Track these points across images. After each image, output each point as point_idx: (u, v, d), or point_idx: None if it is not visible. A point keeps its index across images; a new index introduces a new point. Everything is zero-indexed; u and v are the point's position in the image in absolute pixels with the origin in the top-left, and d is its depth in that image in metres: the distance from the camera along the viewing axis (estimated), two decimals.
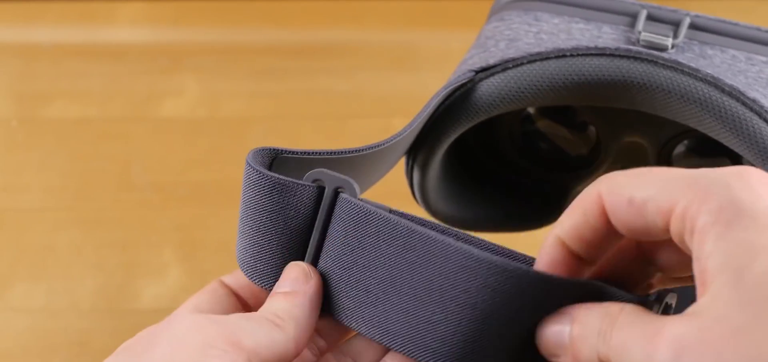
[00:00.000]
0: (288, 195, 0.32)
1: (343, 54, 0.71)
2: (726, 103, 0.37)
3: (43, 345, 0.53)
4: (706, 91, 0.38)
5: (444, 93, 0.40)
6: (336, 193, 0.32)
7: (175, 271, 0.57)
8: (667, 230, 0.27)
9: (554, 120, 0.47)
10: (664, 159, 0.46)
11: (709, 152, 0.45)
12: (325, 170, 0.32)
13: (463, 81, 0.40)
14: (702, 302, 0.25)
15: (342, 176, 0.32)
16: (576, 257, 0.30)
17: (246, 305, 0.35)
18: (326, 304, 0.32)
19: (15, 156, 0.64)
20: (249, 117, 0.67)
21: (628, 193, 0.28)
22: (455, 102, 0.40)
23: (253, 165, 0.32)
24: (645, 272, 0.31)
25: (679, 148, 0.46)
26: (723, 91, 0.38)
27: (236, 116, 0.67)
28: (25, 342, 0.53)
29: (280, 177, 0.32)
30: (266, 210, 0.32)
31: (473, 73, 0.40)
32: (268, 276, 0.33)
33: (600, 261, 0.31)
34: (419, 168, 0.43)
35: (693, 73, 0.38)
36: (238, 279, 0.36)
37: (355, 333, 0.34)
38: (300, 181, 0.32)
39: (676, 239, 0.27)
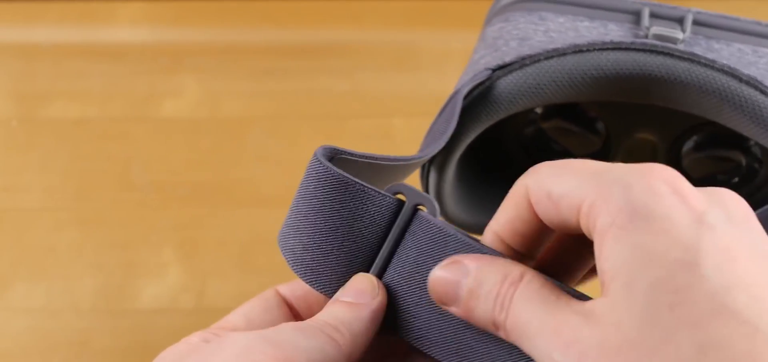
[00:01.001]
0: (367, 203, 0.31)
1: (343, 54, 0.71)
2: (745, 91, 0.38)
3: (43, 345, 0.53)
4: (724, 80, 0.38)
5: (465, 91, 0.39)
6: (415, 209, 0.31)
7: (175, 271, 0.57)
8: (579, 225, 0.27)
9: (563, 119, 0.47)
10: (675, 154, 0.46)
11: (720, 146, 0.45)
12: (407, 184, 0.32)
13: (481, 79, 0.40)
14: (600, 303, 0.25)
15: (423, 193, 0.32)
16: (515, 252, 0.30)
17: (298, 317, 0.34)
18: (389, 322, 0.31)
19: (15, 156, 0.64)
20: (249, 117, 0.67)
21: (547, 187, 0.28)
22: (473, 101, 0.40)
23: (333, 167, 0.31)
24: (583, 262, 0.31)
25: (690, 143, 0.46)
26: (741, 80, 0.38)
27: (236, 116, 0.67)
28: (25, 342, 0.53)
29: (364, 184, 0.31)
30: (341, 216, 0.31)
31: (490, 72, 0.40)
32: (329, 283, 0.32)
33: (539, 256, 0.31)
34: (436, 170, 0.43)
35: (710, 64, 0.38)
36: (293, 290, 0.35)
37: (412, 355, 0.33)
38: (382, 191, 0.31)
39: (586, 235, 0.27)
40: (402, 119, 0.66)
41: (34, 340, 0.53)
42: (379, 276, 0.32)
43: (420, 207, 0.31)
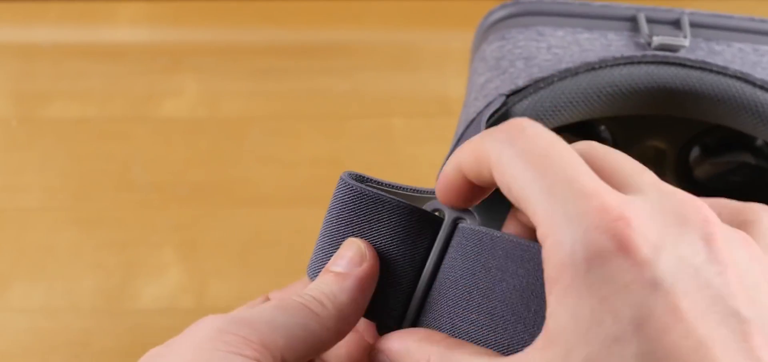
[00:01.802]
0: (404, 220, 0.31)
1: (343, 54, 0.71)
2: (760, 96, 0.38)
3: (43, 345, 0.53)
4: (738, 87, 0.38)
5: (485, 119, 0.39)
6: (455, 223, 0.31)
7: (175, 271, 0.57)
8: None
9: (571, 133, 0.47)
10: (683, 159, 0.46)
11: (729, 148, 0.45)
12: (440, 203, 0.31)
13: (497, 106, 0.39)
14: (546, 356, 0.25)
15: (461, 206, 0.31)
16: (471, 184, 0.29)
17: None
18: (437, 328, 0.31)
19: (15, 156, 0.64)
20: (249, 117, 0.67)
21: (508, 182, 0.26)
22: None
23: (367, 188, 0.31)
24: None
25: (698, 148, 0.46)
26: (754, 85, 0.38)
27: (236, 116, 0.67)
28: (25, 342, 0.53)
29: (401, 201, 0.31)
30: (380, 235, 0.31)
31: (504, 97, 0.40)
32: (372, 307, 0.31)
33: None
34: None
35: (722, 71, 0.38)
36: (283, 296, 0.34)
37: None
38: (421, 208, 0.31)
39: None
40: (402, 119, 0.66)
41: (34, 340, 0.53)
42: (426, 291, 0.31)
43: (459, 220, 0.31)
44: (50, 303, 0.55)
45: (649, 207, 0.25)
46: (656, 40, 0.39)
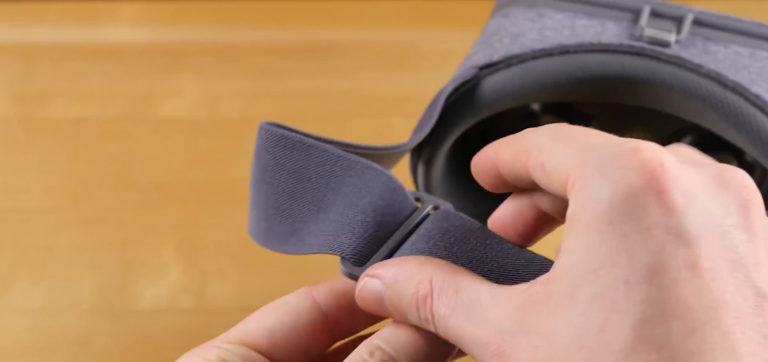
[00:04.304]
0: (399, 197, 0.32)
1: (343, 54, 0.71)
2: (729, 98, 0.38)
3: (43, 345, 0.53)
4: (709, 86, 0.38)
5: (449, 89, 0.40)
6: (432, 211, 0.32)
7: (175, 271, 0.57)
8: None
9: (556, 116, 0.48)
10: None
11: (713, 147, 0.45)
12: (424, 193, 0.33)
13: (467, 77, 0.40)
14: (542, 308, 0.24)
15: (438, 199, 0.33)
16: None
17: (335, 329, 0.31)
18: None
19: (15, 156, 0.64)
20: (249, 117, 0.67)
21: (542, 159, 0.26)
22: (460, 98, 0.41)
23: (346, 152, 0.32)
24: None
25: (683, 143, 0.46)
26: (726, 86, 0.38)
27: (236, 116, 0.67)
28: (25, 342, 0.53)
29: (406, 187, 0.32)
30: (369, 203, 0.32)
31: (477, 70, 0.40)
32: (355, 253, 0.32)
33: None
34: (424, 163, 0.43)
35: (696, 69, 0.38)
36: (328, 292, 0.33)
37: None
38: (409, 195, 0.32)
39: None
40: (402, 119, 0.66)
41: (34, 340, 0.53)
42: (388, 255, 0.32)
43: (435, 209, 0.32)
44: (50, 303, 0.55)
45: (689, 165, 0.24)
46: (647, 32, 0.39)
